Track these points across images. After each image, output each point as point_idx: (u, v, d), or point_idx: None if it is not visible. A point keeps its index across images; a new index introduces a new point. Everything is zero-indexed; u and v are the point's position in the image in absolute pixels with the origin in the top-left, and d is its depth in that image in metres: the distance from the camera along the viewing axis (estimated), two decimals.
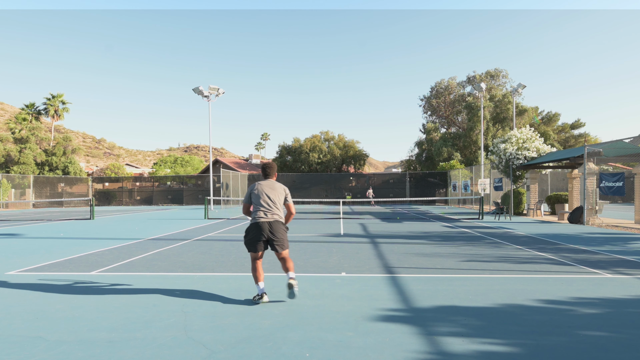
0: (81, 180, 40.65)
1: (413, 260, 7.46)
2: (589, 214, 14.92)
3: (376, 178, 40.39)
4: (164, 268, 6.80)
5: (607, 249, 8.72)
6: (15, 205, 33.98)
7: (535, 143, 20.17)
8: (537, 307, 4.45)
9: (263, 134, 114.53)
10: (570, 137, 44.34)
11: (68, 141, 42.80)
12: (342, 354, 3.24)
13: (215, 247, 9.33)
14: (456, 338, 3.55)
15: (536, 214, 19.11)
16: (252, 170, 47.75)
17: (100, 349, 3.35)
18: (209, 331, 3.76)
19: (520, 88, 27.87)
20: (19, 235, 12.13)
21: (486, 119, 37.89)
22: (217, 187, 34.62)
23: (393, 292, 5.15)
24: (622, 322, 3.95)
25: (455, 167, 34.61)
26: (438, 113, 46.90)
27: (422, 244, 9.67)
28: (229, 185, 31.97)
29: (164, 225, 15.35)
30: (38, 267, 6.95)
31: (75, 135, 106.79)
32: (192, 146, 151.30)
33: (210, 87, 28.74)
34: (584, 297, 4.88)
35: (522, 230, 12.72)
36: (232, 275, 6.18)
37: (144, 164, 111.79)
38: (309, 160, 42.96)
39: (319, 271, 6.49)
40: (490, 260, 7.44)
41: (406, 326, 3.86)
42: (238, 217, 19.33)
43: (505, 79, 44.99)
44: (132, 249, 8.94)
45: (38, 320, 4.10)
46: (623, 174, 13.88)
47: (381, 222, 16.25)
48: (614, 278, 5.92)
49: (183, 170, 59.17)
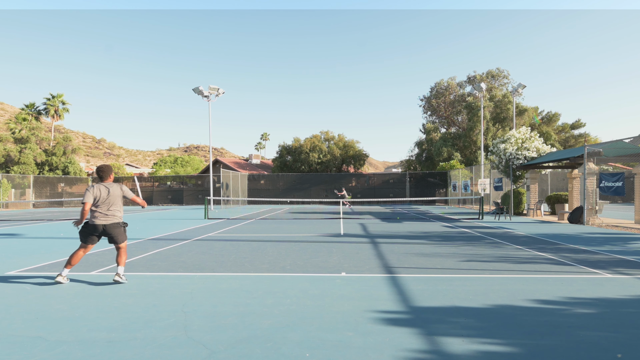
0: (81, 180, 40.66)
1: (413, 260, 7.46)
2: (589, 214, 14.93)
3: (376, 178, 40.38)
4: (164, 268, 6.80)
5: (607, 249, 8.72)
6: (15, 205, 33.98)
7: (535, 143, 20.17)
8: (537, 307, 4.46)
9: (263, 134, 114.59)
10: (570, 137, 44.34)
11: (68, 141, 42.81)
12: (342, 354, 3.24)
13: (215, 247, 9.33)
14: (456, 338, 3.55)
15: (536, 214, 19.11)
16: (252, 170, 47.75)
17: (100, 349, 3.35)
18: (209, 331, 3.76)
19: (520, 88, 27.88)
20: (19, 235, 12.14)
21: (486, 119, 37.89)
22: (217, 187, 34.61)
23: (393, 292, 5.15)
24: (622, 322, 3.96)
25: (455, 167, 34.61)
26: (438, 113, 46.91)
27: (422, 244, 9.67)
28: (229, 185, 31.97)
29: (164, 225, 15.35)
30: (38, 267, 6.95)
31: (75, 135, 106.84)
32: (192, 146, 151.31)
33: (210, 87, 28.74)
34: (584, 297, 4.89)
35: (522, 230, 12.72)
36: (232, 275, 6.19)
37: (144, 164, 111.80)
38: (309, 160, 42.96)
39: (319, 271, 6.49)
40: (490, 260, 7.44)
41: (406, 326, 3.86)
42: (238, 217, 19.34)
43: (506, 79, 45.03)
44: (132, 249, 8.94)
45: (38, 320, 4.10)
46: (623, 174, 13.88)
47: (381, 222, 16.25)
48: (614, 278, 5.92)
49: (183, 170, 59.18)
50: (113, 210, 5.60)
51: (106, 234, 5.60)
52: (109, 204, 5.57)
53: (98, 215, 5.54)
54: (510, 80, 44.99)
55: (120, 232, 5.65)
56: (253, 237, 11.18)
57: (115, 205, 5.63)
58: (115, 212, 5.62)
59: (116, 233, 5.59)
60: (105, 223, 5.54)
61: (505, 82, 44.98)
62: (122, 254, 5.70)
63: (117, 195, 5.65)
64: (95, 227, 5.55)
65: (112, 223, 5.58)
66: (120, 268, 5.64)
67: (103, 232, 5.57)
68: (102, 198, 5.53)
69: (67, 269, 5.58)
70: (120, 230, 5.65)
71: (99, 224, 5.53)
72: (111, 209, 5.58)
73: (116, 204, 5.64)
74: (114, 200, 5.61)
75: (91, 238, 5.65)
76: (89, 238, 5.64)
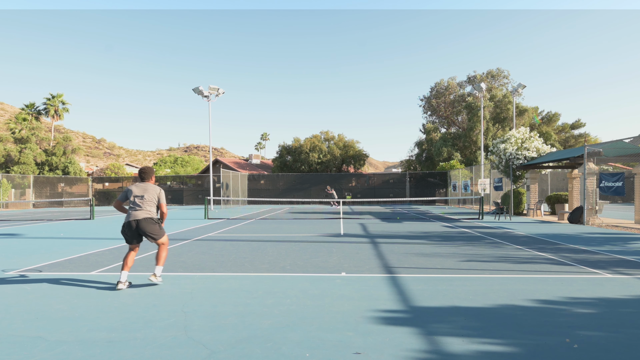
0: (81, 180, 40.66)
1: (413, 260, 7.46)
2: (589, 214, 14.93)
3: (376, 178, 40.39)
4: (164, 268, 6.78)
5: (607, 249, 8.72)
6: (15, 205, 33.98)
7: (535, 143, 20.18)
8: (537, 307, 4.46)
9: (263, 134, 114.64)
10: (571, 137, 44.35)
11: (68, 141, 42.82)
12: (342, 354, 3.24)
13: (215, 247, 9.33)
14: (456, 338, 3.55)
15: (536, 214, 19.11)
16: (252, 170, 47.75)
17: (100, 349, 3.35)
18: (209, 331, 3.76)
19: (520, 88, 27.89)
20: (19, 235, 12.14)
21: (486, 119, 37.89)
22: (217, 187, 34.61)
23: (393, 292, 5.15)
24: (622, 322, 3.96)
25: (455, 167, 34.61)
26: (438, 113, 46.90)
27: (422, 244, 9.67)
28: (229, 185, 31.97)
29: (164, 225, 15.34)
30: (38, 267, 6.95)
31: (75, 135, 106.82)
32: (192, 146, 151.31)
33: (210, 87, 28.74)
34: (584, 297, 4.89)
35: (522, 230, 12.72)
36: (232, 275, 6.19)
37: (144, 164, 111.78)
38: (309, 160, 42.96)
39: (319, 271, 6.49)
40: (490, 260, 7.44)
41: (406, 326, 3.86)
42: (238, 217, 19.34)
43: (506, 79, 45.03)
44: None
45: (38, 320, 4.10)
46: (623, 174, 13.88)
47: (381, 222, 16.25)
48: (614, 278, 5.92)
49: (183, 170, 59.20)
50: (147, 208, 5.49)
51: (141, 231, 5.45)
52: (143, 201, 5.49)
53: (132, 212, 5.48)
54: (510, 80, 45.00)
55: (154, 228, 5.49)
56: (253, 237, 11.18)
57: (149, 204, 5.52)
58: (148, 209, 5.50)
59: (150, 229, 5.44)
60: (137, 218, 5.42)
61: (505, 82, 44.99)
62: (162, 250, 5.57)
63: (153, 195, 5.57)
64: (129, 225, 5.46)
65: (145, 218, 5.44)
66: (157, 268, 5.52)
67: (138, 228, 5.44)
68: (137, 196, 5.50)
69: (124, 271, 5.42)
70: (155, 227, 5.50)
71: (132, 220, 5.44)
72: (145, 206, 5.48)
73: (150, 202, 5.53)
74: (149, 198, 5.52)
75: (130, 237, 5.53)
76: (127, 237, 5.55)
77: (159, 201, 5.64)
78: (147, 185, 5.65)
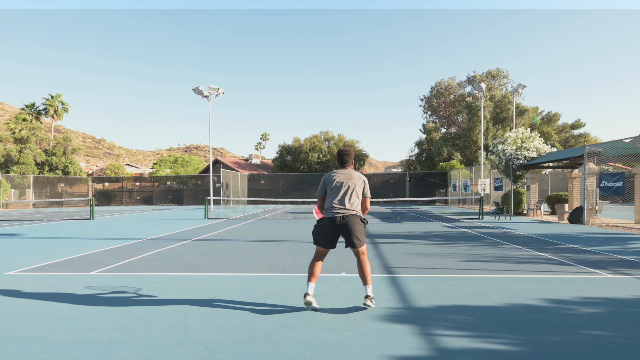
0: (81, 180, 40.65)
1: (413, 260, 7.46)
2: (589, 214, 14.92)
3: (376, 178, 40.37)
4: (164, 268, 6.80)
5: (607, 249, 8.71)
6: (15, 205, 33.97)
7: (535, 143, 20.17)
8: (537, 307, 4.45)
9: (263, 134, 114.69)
10: (571, 137, 44.37)
11: (68, 141, 42.82)
12: (342, 354, 3.23)
13: (215, 247, 9.33)
14: (456, 338, 3.55)
15: (536, 214, 19.11)
16: (252, 170, 47.75)
17: (100, 349, 3.35)
18: (209, 331, 3.76)
19: (520, 88, 27.89)
20: (19, 235, 12.13)
21: (486, 119, 37.89)
22: (217, 187, 34.61)
23: (393, 292, 5.15)
24: (622, 322, 3.96)
25: (455, 167, 34.61)
26: (438, 113, 46.92)
27: (422, 244, 9.67)
28: (229, 185, 31.96)
29: (164, 225, 15.35)
30: (38, 267, 6.95)
31: (75, 135, 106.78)
32: (192, 146, 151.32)
33: (210, 87, 28.74)
34: (584, 297, 4.88)
35: (522, 230, 12.71)
36: (232, 275, 6.18)
37: (144, 164, 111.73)
38: (309, 160, 42.96)
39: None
40: (490, 260, 7.44)
41: (406, 326, 3.86)
42: (238, 217, 19.34)
43: (506, 79, 45.04)
44: (132, 249, 8.94)
45: (38, 320, 4.10)
46: (623, 174, 13.88)
47: (381, 222, 16.25)
48: (614, 278, 5.92)
49: (183, 170, 59.16)
50: (353, 201, 4.39)
51: (345, 231, 4.32)
52: (346, 193, 4.39)
53: (334, 205, 4.37)
54: (510, 80, 45.03)
55: (361, 228, 4.36)
56: (253, 237, 11.18)
57: (355, 196, 4.41)
58: (354, 203, 4.39)
59: (357, 229, 4.31)
60: (346, 214, 4.31)
61: (505, 82, 45.01)
62: (365, 262, 4.37)
63: (359, 186, 4.45)
64: (332, 221, 4.32)
65: (353, 214, 4.34)
66: (368, 288, 4.32)
67: (341, 227, 4.31)
68: (340, 184, 4.40)
69: (311, 282, 4.35)
70: (361, 227, 4.37)
71: (337, 216, 4.30)
72: (350, 199, 4.38)
73: (356, 195, 4.42)
74: (355, 189, 4.42)
75: (327, 238, 4.36)
76: (323, 238, 4.38)
77: (364, 193, 4.51)
78: (352, 173, 4.50)
